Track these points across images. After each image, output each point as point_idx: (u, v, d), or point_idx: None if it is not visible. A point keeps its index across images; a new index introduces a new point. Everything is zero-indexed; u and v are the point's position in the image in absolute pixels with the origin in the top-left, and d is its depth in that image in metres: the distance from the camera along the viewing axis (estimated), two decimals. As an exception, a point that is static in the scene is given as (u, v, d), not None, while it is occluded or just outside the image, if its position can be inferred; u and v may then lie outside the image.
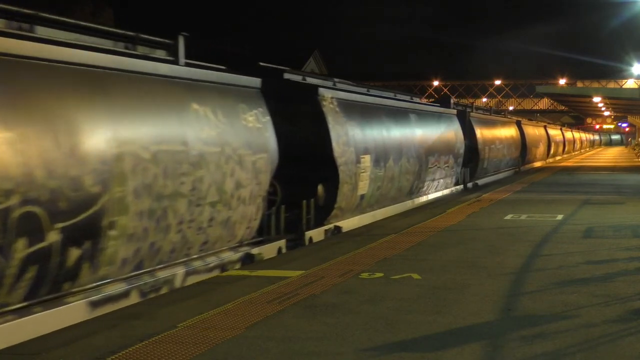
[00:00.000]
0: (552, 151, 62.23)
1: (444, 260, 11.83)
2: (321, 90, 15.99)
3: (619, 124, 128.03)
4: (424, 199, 23.48)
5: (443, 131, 25.37)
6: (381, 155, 18.49)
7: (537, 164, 51.91)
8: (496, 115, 41.19)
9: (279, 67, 16.04)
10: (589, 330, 7.68)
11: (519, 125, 45.08)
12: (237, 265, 12.13)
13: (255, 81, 13.60)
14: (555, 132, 68.49)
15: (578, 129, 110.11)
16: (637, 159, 64.65)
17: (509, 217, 17.93)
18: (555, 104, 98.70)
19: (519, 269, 11.09)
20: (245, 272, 11.12)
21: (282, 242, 13.98)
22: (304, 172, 15.29)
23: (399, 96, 23.78)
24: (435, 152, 23.57)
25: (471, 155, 29.98)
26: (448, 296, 9.23)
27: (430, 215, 18.24)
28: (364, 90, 20.66)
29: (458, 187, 27.89)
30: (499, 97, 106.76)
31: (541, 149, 54.75)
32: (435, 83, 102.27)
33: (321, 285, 9.87)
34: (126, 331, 7.67)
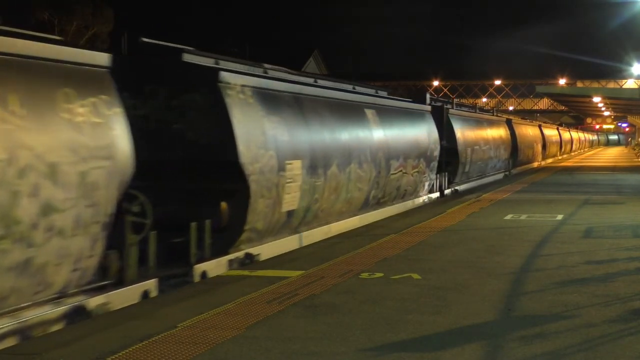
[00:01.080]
0: (547, 152, 58.64)
1: (444, 260, 11.83)
2: (224, 75, 12.00)
3: (619, 124, 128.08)
4: (385, 210, 19.21)
5: (412, 130, 21.53)
6: (319, 160, 14.48)
7: (531, 166, 48.79)
8: (482, 113, 37.25)
9: (174, 45, 12.47)
10: (589, 330, 7.68)
11: (509, 124, 41.65)
12: (59, 326, 8.47)
13: (99, 57, 9.36)
14: (551, 132, 64.93)
15: (577, 128, 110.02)
16: (637, 159, 64.66)
17: (509, 217, 17.93)
18: (555, 104, 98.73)
19: (519, 269, 11.09)
20: (245, 272, 11.12)
21: (149, 284, 10.07)
22: (195, 185, 11.84)
23: (358, 89, 19.48)
24: (400, 155, 19.50)
25: (450, 159, 26.29)
26: (448, 296, 9.23)
27: (430, 215, 18.24)
28: (309, 79, 16.52)
29: (432, 195, 24.17)
30: (499, 97, 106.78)
31: (535, 150, 51.14)
32: (435, 83, 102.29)
33: (321, 285, 9.87)
34: (126, 331, 7.68)
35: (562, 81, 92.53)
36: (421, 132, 22.37)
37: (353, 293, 9.40)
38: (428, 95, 24.97)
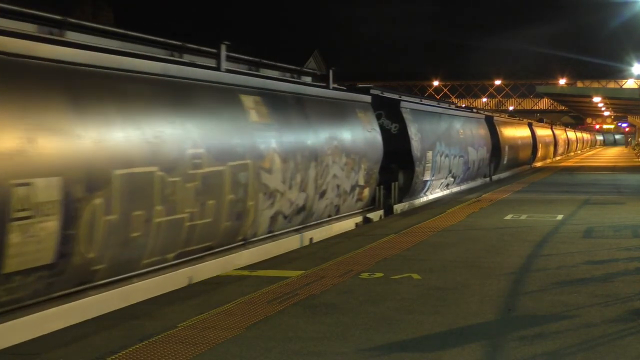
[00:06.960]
0: (507, 158, 38.65)
1: (444, 260, 11.83)
2: None
3: (619, 124, 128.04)
4: None
5: None
6: None
7: (464, 187, 29.15)
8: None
9: None
10: (589, 330, 7.68)
11: (395, 114, 21.24)
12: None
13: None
14: (518, 133, 43.93)
15: (567, 127, 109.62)
16: (637, 159, 64.65)
17: (509, 217, 17.93)
18: (555, 104, 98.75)
19: (519, 269, 11.09)
20: (245, 272, 11.12)
21: None
22: None
23: None
24: None
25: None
26: (448, 296, 9.23)
27: (430, 215, 18.24)
28: None
29: None
30: (499, 97, 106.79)
31: (475, 159, 30.35)
32: (435, 83, 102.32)
33: (321, 285, 9.87)
34: (126, 331, 7.67)
35: (562, 81, 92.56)
36: None
37: (353, 293, 9.40)
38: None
